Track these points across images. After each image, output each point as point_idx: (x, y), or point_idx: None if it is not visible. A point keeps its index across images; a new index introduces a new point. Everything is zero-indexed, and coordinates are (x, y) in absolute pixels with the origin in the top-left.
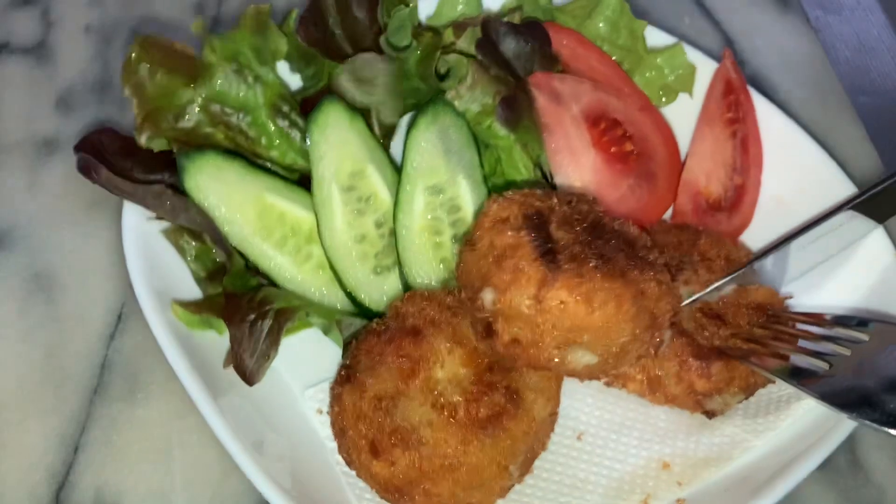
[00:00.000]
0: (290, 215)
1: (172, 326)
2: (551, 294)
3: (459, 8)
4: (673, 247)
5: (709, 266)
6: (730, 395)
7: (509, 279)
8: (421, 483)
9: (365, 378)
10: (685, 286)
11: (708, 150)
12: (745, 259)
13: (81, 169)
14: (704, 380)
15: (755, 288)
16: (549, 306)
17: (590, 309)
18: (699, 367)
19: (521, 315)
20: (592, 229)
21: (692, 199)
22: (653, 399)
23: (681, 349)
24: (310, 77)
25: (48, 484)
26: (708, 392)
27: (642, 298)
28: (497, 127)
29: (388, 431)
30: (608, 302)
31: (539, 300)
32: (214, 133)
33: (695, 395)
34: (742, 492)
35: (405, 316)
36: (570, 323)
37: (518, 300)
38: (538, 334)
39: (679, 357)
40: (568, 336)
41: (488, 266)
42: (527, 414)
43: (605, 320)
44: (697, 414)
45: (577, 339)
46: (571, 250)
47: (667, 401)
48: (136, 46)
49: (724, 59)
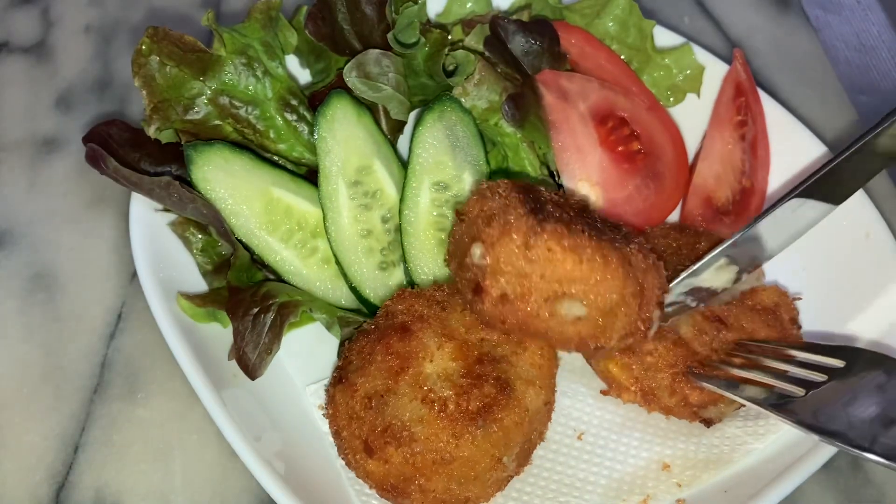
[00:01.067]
0: (296, 209)
1: (177, 319)
2: (539, 242)
3: (469, 6)
4: (672, 251)
5: None
6: (725, 405)
7: (498, 233)
8: (416, 479)
9: (356, 378)
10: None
11: (718, 154)
12: None
13: (89, 159)
14: (698, 392)
15: (762, 289)
16: (537, 255)
17: (578, 259)
18: (691, 381)
19: (509, 267)
20: (581, 210)
21: (702, 203)
22: (649, 409)
23: (674, 360)
24: (318, 72)
25: (48, 484)
26: (703, 404)
27: (629, 265)
28: (504, 124)
29: (379, 430)
30: (596, 256)
31: (527, 248)
32: (223, 126)
33: (690, 406)
34: (742, 493)
35: (394, 314)
36: (558, 272)
37: (506, 251)
38: (526, 287)
39: (672, 369)
40: (556, 288)
41: (478, 227)
42: (518, 404)
43: (594, 272)
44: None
45: (566, 291)
46: (560, 218)
47: (663, 411)
48: (147, 39)
49: (734, 61)
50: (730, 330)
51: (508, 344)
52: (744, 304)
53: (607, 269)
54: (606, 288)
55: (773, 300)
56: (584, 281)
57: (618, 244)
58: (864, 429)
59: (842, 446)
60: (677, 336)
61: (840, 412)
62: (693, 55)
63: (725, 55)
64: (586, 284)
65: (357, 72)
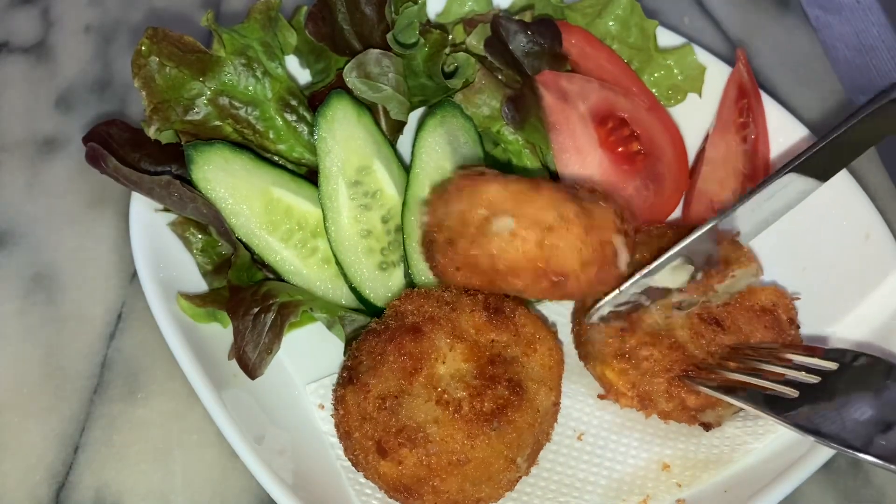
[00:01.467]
0: (296, 209)
1: (177, 318)
2: (470, 182)
3: (469, 5)
4: (666, 251)
5: (706, 269)
6: (723, 409)
7: (440, 190)
8: (429, 480)
9: (367, 379)
10: (681, 294)
11: (721, 159)
12: (743, 258)
13: (90, 159)
14: (694, 396)
15: (760, 289)
16: (468, 193)
17: (503, 183)
18: (688, 385)
19: (448, 212)
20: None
21: (706, 209)
22: (647, 414)
23: (670, 365)
24: (318, 72)
25: (48, 484)
26: (700, 407)
27: (567, 194)
28: (506, 131)
29: (393, 431)
30: (523, 181)
31: (457, 188)
32: (223, 126)
33: (688, 410)
34: (742, 493)
35: (404, 314)
36: (486, 198)
37: (443, 200)
38: (462, 223)
39: (668, 374)
40: (487, 212)
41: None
42: (531, 405)
43: (521, 192)
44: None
45: (496, 211)
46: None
47: (660, 416)
48: (146, 39)
49: (737, 62)
50: (727, 332)
51: (519, 345)
52: (741, 305)
53: (537, 190)
54: (537, 204)
55: (772, 300)
56: (511, 199)
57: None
58: (859, 431)
59: (837, 447)
60: (673, 340)
61: (835, 414)
62: (694, 55)
63: (725, 55)
64: (514, 202)
65: (357, 72)
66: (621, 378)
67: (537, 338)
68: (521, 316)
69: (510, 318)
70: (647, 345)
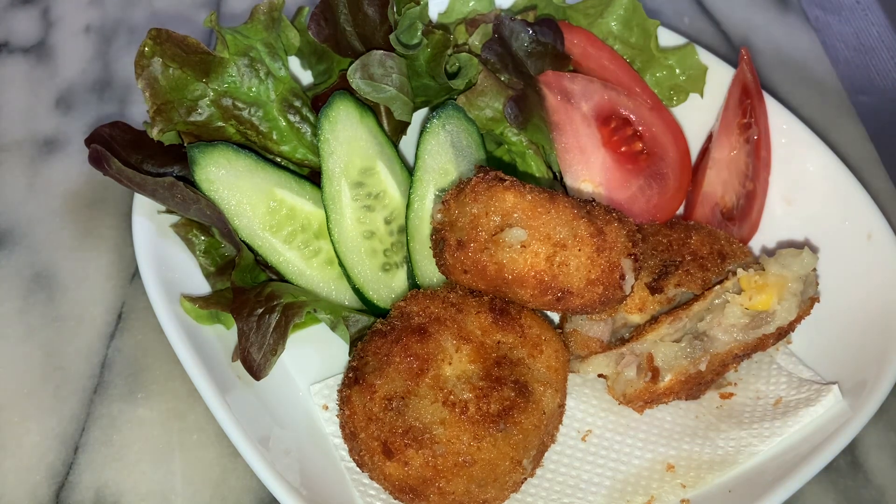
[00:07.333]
0: (299, 210)
1: (181, 321)
2: (485, 187)
3: (471, 5)
4: (664, 248)
5: (701, 264)
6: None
7: (455, 190)
8: (435, 482)
9: (373, 379)
10: (677, 288)
11: (725, 161)
12: (739, 252)
13: (93, 160)
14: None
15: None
16: (483, 198)
17: (520, 193)
18: None
19: (461, 214)
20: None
21: (711, 211)
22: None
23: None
24: (321, 73)
25: (48, 484)
26: None
27: (583, 208)
28: (510, 133)
29: (400, 432)
30: (541, 193)
31: (473, 191)
32: (226, 127)
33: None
34: (746, 494)
35: (410, 315)
36: (502, 207)
37: (458, 202)
38: (475, 227)
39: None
40: (501, 221)
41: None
42: (537, 406)
43: (537, 205)
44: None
45: (510, 222)
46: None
47: (662, 400)
48: (150, 40)
49: (741, 62)
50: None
51: (525, 347)
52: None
53: (552, 202)
54: (552, 219)
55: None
56: (527, 210)
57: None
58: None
59: None
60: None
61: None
62: (696, 55)
63: (725, 55)
64: (529, 214)
65: (361, 73)
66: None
67: (543, 339)
68: (526, 317)
69: (516, 320)
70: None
